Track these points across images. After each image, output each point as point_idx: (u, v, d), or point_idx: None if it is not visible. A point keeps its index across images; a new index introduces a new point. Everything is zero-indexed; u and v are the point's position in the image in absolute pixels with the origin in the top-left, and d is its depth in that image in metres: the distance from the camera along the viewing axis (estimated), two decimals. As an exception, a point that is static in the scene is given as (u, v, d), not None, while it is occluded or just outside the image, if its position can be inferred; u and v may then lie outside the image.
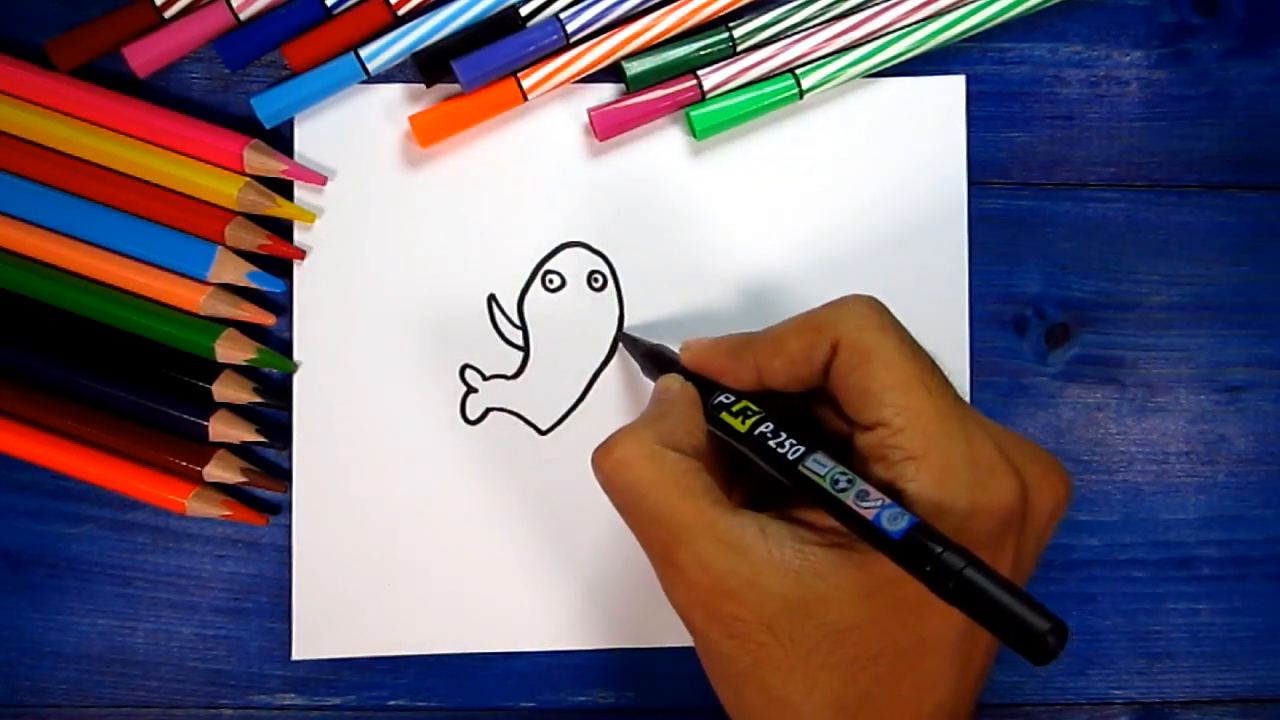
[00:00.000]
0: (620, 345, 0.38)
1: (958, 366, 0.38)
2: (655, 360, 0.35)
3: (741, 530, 0.27)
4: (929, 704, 0.28)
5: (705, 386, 0.32)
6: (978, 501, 0.27)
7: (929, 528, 0.25)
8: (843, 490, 0.26)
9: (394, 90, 0.38)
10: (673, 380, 0.32)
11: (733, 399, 0.31)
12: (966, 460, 0.27)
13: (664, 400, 0.31)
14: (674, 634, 0.38)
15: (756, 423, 0.29)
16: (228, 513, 0.37)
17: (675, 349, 0.34)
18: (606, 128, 0.37)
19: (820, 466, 0.27)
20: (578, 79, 0.37)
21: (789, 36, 0.37)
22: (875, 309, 0.29)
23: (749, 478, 0.32)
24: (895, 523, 0.25)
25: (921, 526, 0.25)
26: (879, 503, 0.26)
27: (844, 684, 0.27)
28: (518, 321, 0.38)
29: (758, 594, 0.27)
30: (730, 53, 0.37)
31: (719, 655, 0.28)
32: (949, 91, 0.39)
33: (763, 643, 0.27)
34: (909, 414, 0.27)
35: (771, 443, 0.29)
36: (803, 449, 0.28)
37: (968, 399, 0.38)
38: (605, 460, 0.29)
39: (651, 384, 0.34)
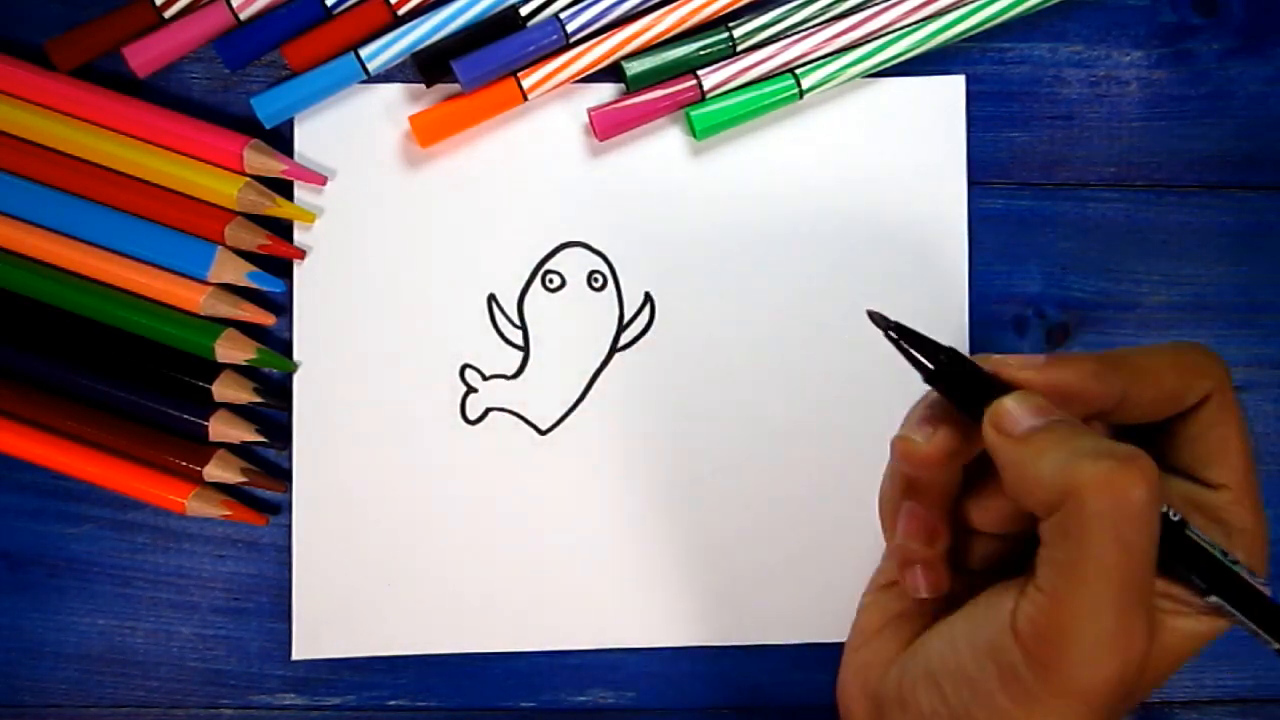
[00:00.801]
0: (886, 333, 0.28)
1: (958, 366, 0.38)
2: (955, 368, 0.26)
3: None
4: None
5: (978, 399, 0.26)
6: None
7: None
8: (1234, 563, 0.25)
9: (394, 90, 0.38)
10: (1043, 399, 0.26)
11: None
12: (1264, 541, 0.27)
13: (1077, 426, 0.26)
14: (672, 634, 0.38)
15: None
16: (228, 513, 0.37)
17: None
18: (606, 128, 0.37)
19: (1201, 536, 0.26)
20: (578, 79, 0.37)
21: (789, 36, 0.37)
22: (1225, 365, 0.28)
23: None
24: None
25: None
26: (1264, 580, 0.25)
27: None
28: (518, 321, 0.38)
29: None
30: (730, 53, 0.37)
31: None
32: (949, 91, 0.39)
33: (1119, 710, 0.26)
34: (1247, 486, 0.27)
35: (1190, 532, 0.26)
36: (1179, 514, 0.26)
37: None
38: (1135, 472, 0.24)
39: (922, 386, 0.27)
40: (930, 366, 0.27)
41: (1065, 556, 0.24)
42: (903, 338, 0.27)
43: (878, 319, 0.28)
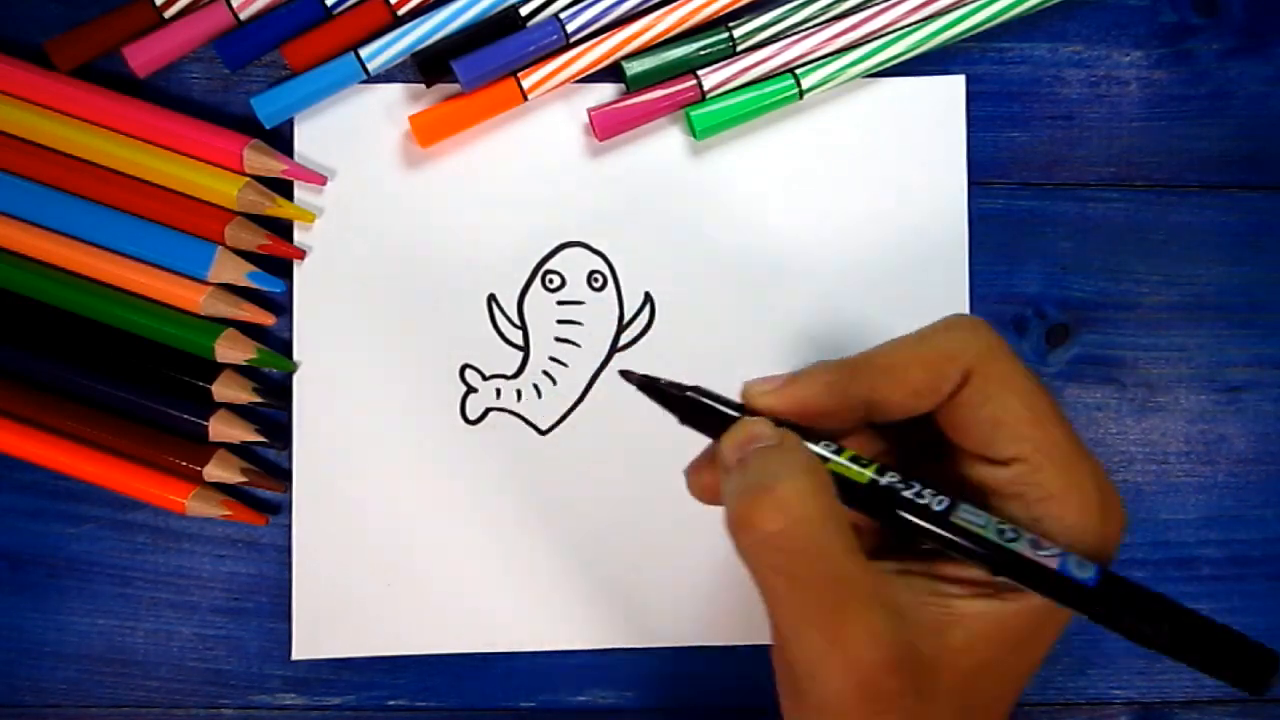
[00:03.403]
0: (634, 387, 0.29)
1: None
2: (700, 408, 0.27)
3: (897, 592, 0.25)
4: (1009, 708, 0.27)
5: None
6: (1106, 534, 0.26)
7: (1114, 574, 0.24)
8: (1011, 540, 0.24)
9: (394, 90, 0.38)
10: (762, 426, 0.26)
11: (836, 447, 0.26)
12: (1098, 492, 0.26)
13: (779, 447, 0.26)
14: (673, 634, 0.38)
15: (879, 471, 0.26)
16: (228, 513, 0.37)
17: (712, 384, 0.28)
18: (606, 128, 0.37)
19: (976, 517, 0.25)
20: (578, 79, 0.37)
21: (789, 36, 0.37)
22: (997, 334, 0.27)
23: None
24: (1084, 570, 0.23)
25: (1109, 574, 0.23)
26: (1057, 551, 0.24)
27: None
28: (518, 321, 0.38)
29: (914, 661, 0.25)
30: (730, 53, 0.37)
31: None
32: (949, 91, 0.39)
33: (910, 709, 0.25)
34: (1046, 449, 0.26)
35: (907, 493, 0.25)
36: (948, 500, 0.25)
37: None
38: (765, 507, 0.24)
39: (689, 433, 0.28)
40: (677, 414, 0.28)
41: (758, 590, 0.25)
42: (647, 388, 0.28)
43: (626, 375, 0.28)
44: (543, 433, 0.38)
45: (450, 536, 0.38)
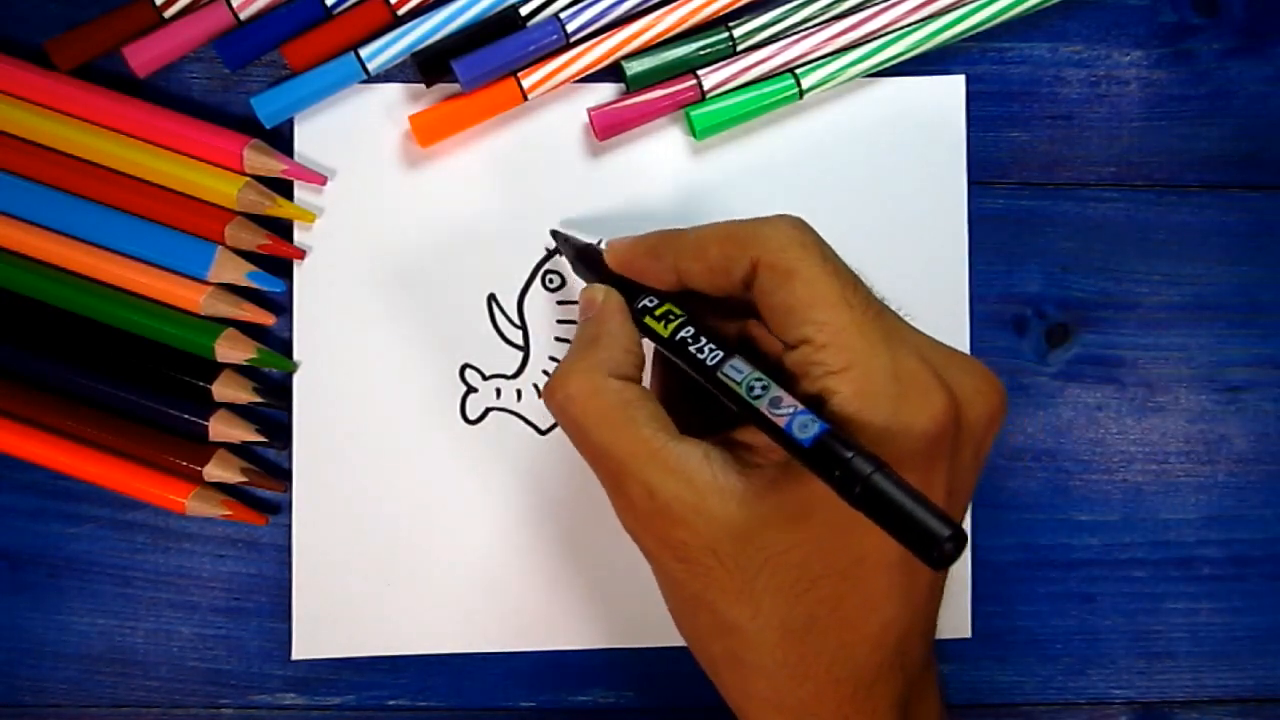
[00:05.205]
0: (555, 244, 0.37)
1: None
2: (585, 259, 0.35)
3: (686, 457, 0.28)
4: (875, 624, 0.28)
5: (631, 289, 0.32)
6: (901, 417, 0.27)
7: (840, 435, 0.25)
8: (757, 397, 0.26)
9: (394, 90, 0.38)
10: (596, 291, 0.32)
11: (656, 302, 0.31)
12: (889, 375, 0.27)
13: (594, 319, 0.31)
14: (674, 634, 0.38)
15: (678, 327, 0.29)
16: (228, 513, 0.37)
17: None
18: (606, 127, 0.37)
19: (737, 372, 0.27)
20: (578, 79, 0.37)
21: (789, 36, 0.37)
22: (798, 228, 0.29)
23: (697, 391, 0.32)
24: (806, 430, 0.25)
25: (833, 433, 0.25)
26: (791, 409, 0.26)
27: (788, 607, 0.27)
28: (518, 321, 0.38)
29: (702, 519, 0.27)
30: (730, 52, 0.37)
31: (671, 579, 0.29)
32: (949, 91, 0.39)
33: (710, 567, 0.28)
34: (830, 330, 0.27)
35: (691, 348, 0.29)
36: (721, 354, 0.28)
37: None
38: (554, 397, 0.30)
39: (582, 283, 0.34)
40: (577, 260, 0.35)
41: None
42: (562, 242, 0.36)
43: (559, 239, 0.36)
44: (543, 433, 0.38)
45: (450, 536, 0.38)
